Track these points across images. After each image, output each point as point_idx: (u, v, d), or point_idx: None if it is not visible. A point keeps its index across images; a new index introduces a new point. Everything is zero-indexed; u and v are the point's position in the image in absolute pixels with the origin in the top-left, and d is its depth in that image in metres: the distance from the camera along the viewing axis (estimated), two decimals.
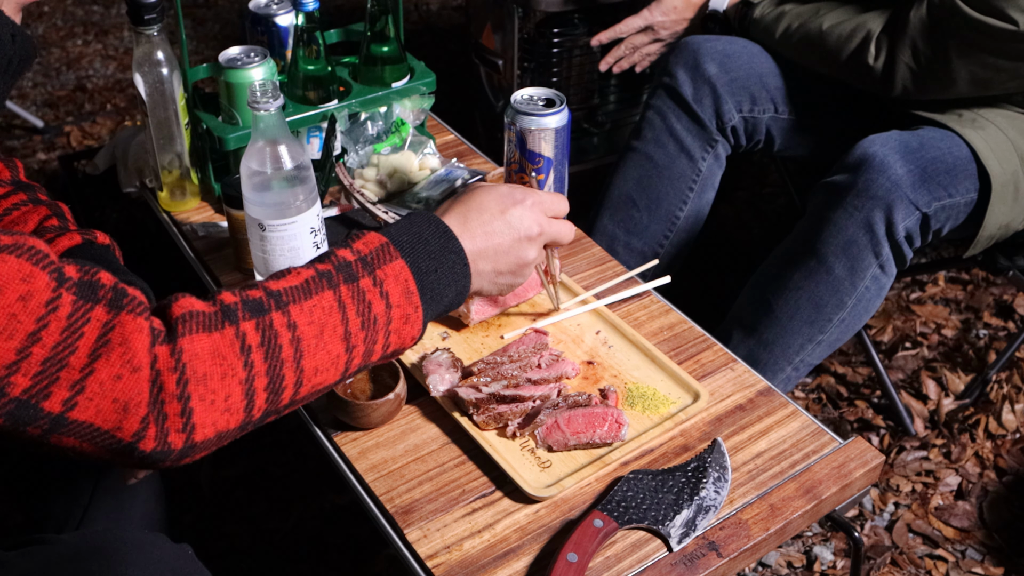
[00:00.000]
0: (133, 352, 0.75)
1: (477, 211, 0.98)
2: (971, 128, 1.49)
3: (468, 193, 1.00)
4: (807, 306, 1.51)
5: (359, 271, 0.88)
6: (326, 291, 0.86)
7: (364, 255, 0.89)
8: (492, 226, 0.98)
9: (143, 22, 1.30)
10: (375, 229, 0.93)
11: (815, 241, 1.49)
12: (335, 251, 0.90)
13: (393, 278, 0.89)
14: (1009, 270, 1.73)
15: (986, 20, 1.38)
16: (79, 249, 1.07)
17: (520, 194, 1.01)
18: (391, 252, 0.90)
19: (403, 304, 0.89)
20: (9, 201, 1.11)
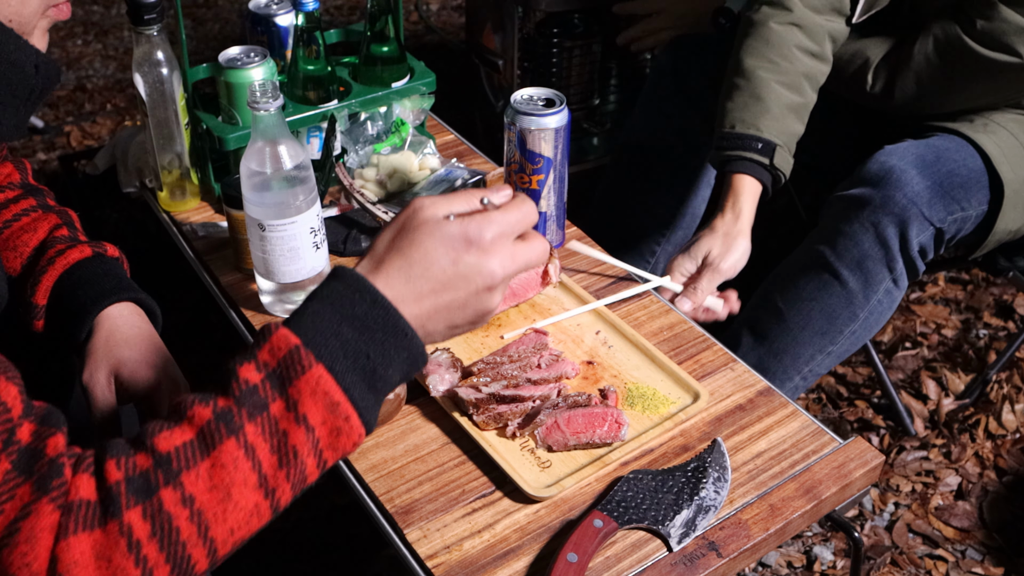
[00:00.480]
0: (35, 554, 0.67)
1: (422, 264, 0.76)
2: (983, 133, 1.48)
3: (408, 235, 0.77)
4: (819, 317, 1.50)
5: (267, 394, 0.72)
6: (227, 440, 0.71)
7: (272, 368, 0.73)
8: (442, 283, 0.77)
9: (143, 22, 1.30)
10: (289, 321, 0.75)
11: (830, 254, 1.48)
12: (238, 369, 0.73)
13: (310, 394, 0.72)
14: (1009, 270, 1.73)
15: (993, 56, 1.39)
16: (89, 262, 1.07)
17: (475, 229, 0.77)
18: (303, 359, 0.72)
19: (329, 420, 0.73)
20: (19, 206, 1.11)
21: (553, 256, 1.25)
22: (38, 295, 1.05)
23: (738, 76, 1.47)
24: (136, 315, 1.05)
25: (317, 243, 1.19)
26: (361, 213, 1.39)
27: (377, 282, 0.76)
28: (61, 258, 1.06)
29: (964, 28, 1.41)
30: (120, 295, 1.05)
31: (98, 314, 1.03)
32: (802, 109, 1.48)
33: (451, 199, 0.80)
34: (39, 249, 1.08)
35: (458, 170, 1.50)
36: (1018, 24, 1.36)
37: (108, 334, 1.01)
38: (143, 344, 1.02)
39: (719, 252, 1.35)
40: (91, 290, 1.04)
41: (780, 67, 1.46)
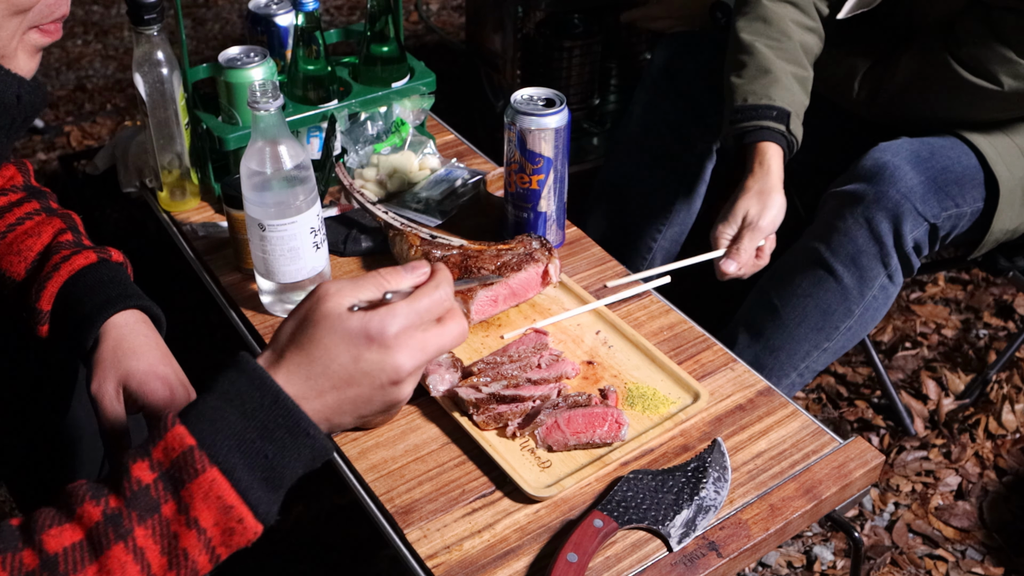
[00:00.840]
0: None
1: (322, 361, 0.73)
2: (979, 133, 1.49)
3: (308, 331, 0.74)
4: (815, 313, 1.50)
5: (159, 495, 0.70)
6: (114, 545, 0.68)
7: (165, 469, 0.70)
8: (343, 379, 0.74)
9: (143, 22, 1.30)
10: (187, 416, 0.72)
11: (824, 250, 1.48)
12: (131, 467, 0.70)
13: (202, 498, 0.70)
14: (1009, 270, 1.73)
15: (976, 82, 1.42)
16: (94, 268, 1.06)
17: (377, 325, 0.73)
18: (198, 461, 0.70)
19: (221, 521, 0.71)
20: (22, 209, 1.10)
21: (553, 256, 1.25)
22: (43, 301, 1.04)
23: (742, 53, 1.49)
24: (142, 323, 1.05)
25: (317, 243, 1.19)
26: (361, 213, 1.38)
27: (278, 377, 0.74)
28: (66, 264, 1.05)
29: (951, 50, 1.43)
30: (126, 303, 1.04)
31: (104, 322, 1.02)
32: (805, 81, 1.50)
33: (358, 286, 0.77)
34: (43, 254, 1.08)
35: (458, 170, 1.50)
36: (1002, 55, 1.38)
37: (115, 344, 1.01)
38: (151, 354, 1.02)
39: (757, 211, 1.36)
40: (96, 297, 1.04)
41: (781, 43, 1.48)
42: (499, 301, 1.23)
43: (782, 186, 1.39)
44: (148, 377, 0.98)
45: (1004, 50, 1.38)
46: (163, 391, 0.97)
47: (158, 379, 0.98)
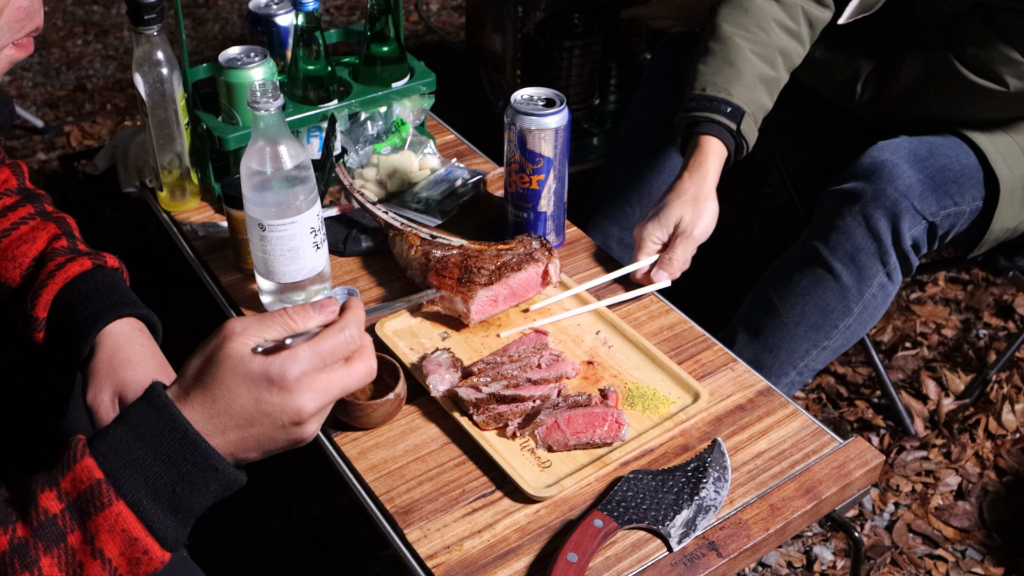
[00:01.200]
0: None
1: (224, 401, 0.75)
2: (979, 131, 1.49)
3: (213, 368, 0.75)
4: (814, 312, 1.50)
5: (66, 524, 0.71)
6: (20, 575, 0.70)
7: (73, 499, 0.71)
8: (245, 419, 0.75)
9: (143, 22, 1.30)
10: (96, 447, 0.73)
11: (823, 248, 1.48)
12: (39, 497, 0.71)
13: (108, 531, 0.71)
14: (1009, 270, 1.73)
15: (981, 83, 1.41)
16: (89, 275, 1.06)
17: (277, 369, 0.74)
18: (104, 495, 0.71)
19: (127, 551, 0.72)
20: (16, 214, 1.10)
21: (553, 256, 1.25)
22: (38, 308, 1.04)
23: (713, 40, 1.47)
24: (138, 332, 1.05)
25: (317, 243, 1.19)
26: (361, 213, 1.39)
27: (185, 411, 0.75)
28: (61, 271, 1.05)
29: (955, 51, 1.43)
30: (121, 311, 1.04)
31: (100, 331, 1.02)
32: (773, 84, 1.47)
33: (264, 325, 0.77)
34: (38, 260, 1.07)
35: (458, 170, 1.50)
36: (1007, 55, 1.38)
37: (111, 354, 1.01)
38: (146, 364, 1.01)
39: (691, 218, 1.33)
40: (92, 305, 1.03)
41: (757, 37, 1.46)
42: (499, 301, 1.23)
43: (715, 192, 1.37)
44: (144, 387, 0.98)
45: (1008, 51, 1.38)
46: None
47: None
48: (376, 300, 1.30)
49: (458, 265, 1.22)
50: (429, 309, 1.23)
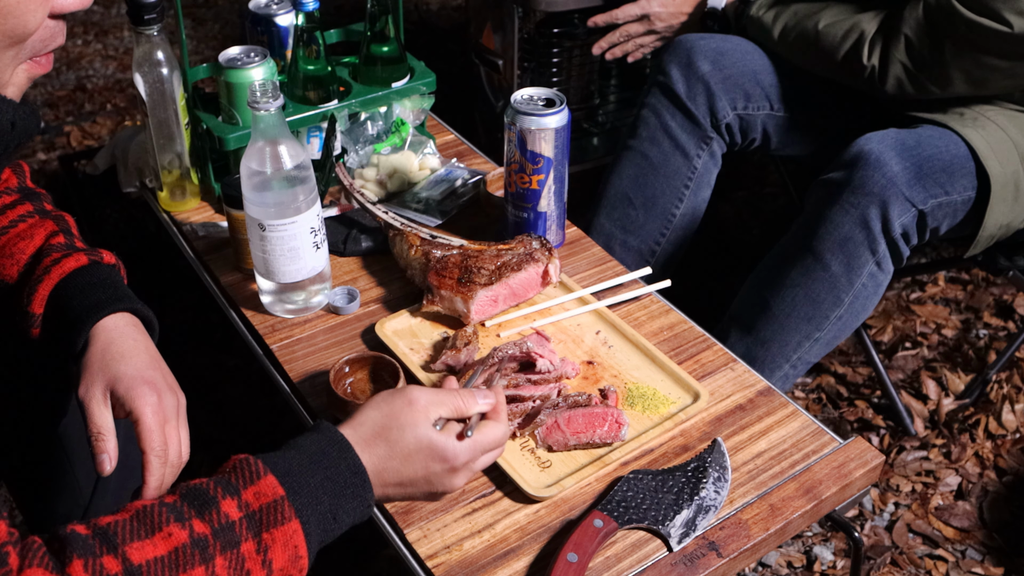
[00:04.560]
0: None
1: (400, 460, 0.87)
2: (972, 127, 1.49)
3: (400, 430, 0.87)
4: (804, 303, 1.51)
5: (243, 533, 0.77)
6: (196, 568, 0.74)
7: (253, 511, 0.78)
8: (409, 480, 0.88)
9: (143, 22, 1.30)
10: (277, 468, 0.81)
11: (811, 238, 1.49)
12: (220, 502, 0.77)
13: (282, 545, 0.78)
14: (1009, 270, 1.73)
15: (981, 21, 1.39)
16: (85, 271, 1.06)
17: (452, 452, 0.89)
18: (285, 512, 0.78)
19: (287, 567, 0.79)
20: (15, 212, 1.10)
21: (553, 256, 1.25)
22: (34, 304, 1.04)
23: None
24: (132, 326, 1.04)
25: (317, 243, 1.19)
26: (361, 213, 1.38)
27: (361, 456, 0.85)
28: (57, 267, 1.05)
29: None
30: (115, 305, 1.04)
31: (93, 326, 1.02)
32: None
33: (441, 402, 0.90)
34: (35, 257, 1.07)
35: (458, 170, 1.50)
36: None
37: (104, 348, 1.01)
38: (139, 358, 1.01)
39: None
40: (87, 300, 1.03)
41: None
42: (499, 301, 1.23)
43: None
44: (136, 382, 0.98)
45: None
46: (150, 396, 0.97)
47: (146, 383, 0.98)
48: (376, 300, 1.30)
49: (458, 265, 1.22)
50: (429, 309, 1.23)
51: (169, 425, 0.97)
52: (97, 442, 0.95)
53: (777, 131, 1.73)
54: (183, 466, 0.99)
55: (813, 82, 1.67)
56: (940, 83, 1.50)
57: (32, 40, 0.83)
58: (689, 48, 1.68)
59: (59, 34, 0.87)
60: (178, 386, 1.03)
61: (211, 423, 1.75)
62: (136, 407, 0.96)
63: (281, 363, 1.20)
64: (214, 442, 1.69)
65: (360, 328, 1.25)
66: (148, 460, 0.94)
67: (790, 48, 1.65)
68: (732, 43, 1.70)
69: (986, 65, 1.45)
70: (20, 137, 0.88)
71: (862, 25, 1.53)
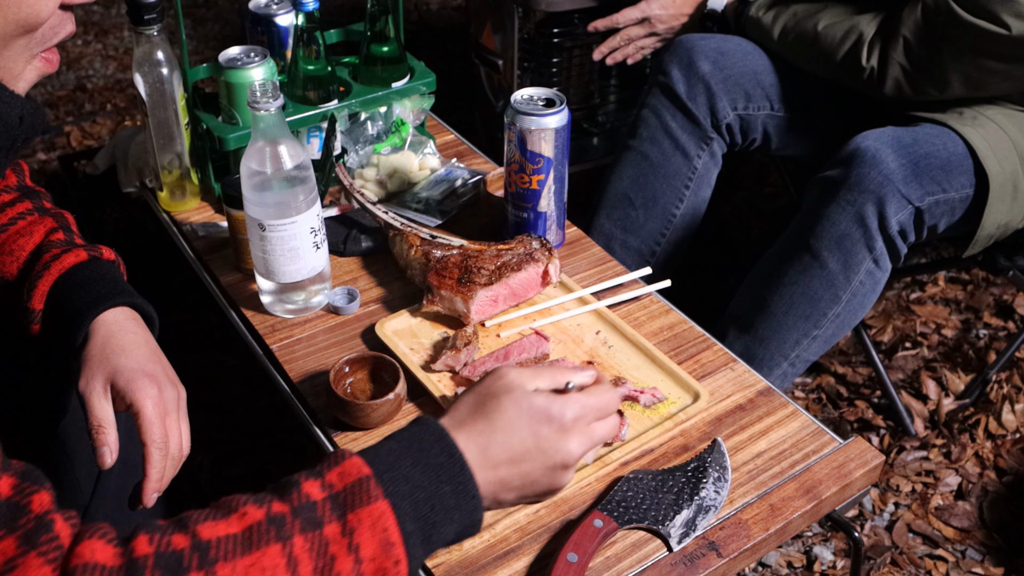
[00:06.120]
0: None
1: (504, 431, 0.78)
2: (971, 126, 1.49)
3: (494, 400, 0.80)
4: (801, 301, 1.51)
5: (325, 514, 0.71)
6: (272, 544, 0.68)
7: (336, 491, 0.72)
8: (520, 453, 0.79)
9: (143, 22, 1.30)
10: (364, 452, 0.75)
11: (808, 236, 1.49)
12: (302, 483, 0.72)
13: (369, 527, 0.71)
14: (1009, 270, 1.73)
15: (979, 23, 1.39)
16: (84, 266, 1.06)
17: (558, 408, 0.80)
18: (371, 490, 0.72)
19: (379, 557, 0.71)
20: (15, 209, 1.10)
21: (553, 256, 1.25)
22: (34, 300, 1.04)
23: None
24: (132, 320, 1.05)
25: (317, 243, 1.19)
26: (361, 213, 1.38)
27: (458, 439, 0.77)
28: (56, 263, 1.05)
29: None
30: (115, 300, 1.04)
31: (93, 320, 1.02)
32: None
33: (537, 374, 0.84)
34: (35, 253, 1.08)
35: (458, 170, 1.50)
36: None
37: (104, 341, 1.01)
38: (139, 351, 1.01)
39: None
40: (86, 295, 1.03)
41: None
42: (499, 301, 1.23)
43: None
44: (136, 374, 0.98)
45: None
46: (151, 388, 0.97)
47: (146, 376, 0.98)
48: (376, 300, 1.30)
49: (458, 265, 1.22)
50: (429, 309, 1.23)
51: (170, 418, 0.97)
52: (98, 435, 0.95)
53: (777, 131, 1.73)
54: (184, 459, 0.99)
55: (814, 82, 1.67)
56: (938, 85, 1.50)
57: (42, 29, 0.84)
58: (690, 48, 1.68)
59: (68, 22, 0.88)
60: (178, 379, 1.03)
61: (211, 423, 1.75)
62: (136, 400, 0.96)
63: (281, 363, 1.20)
64: (214, 442, 1.69)
65: (360, 328, 1.25)
66: (149, 452, 0.94)
67: (789, 49, 1.65)
68: (733, 43, 1.70)
69: (984, 67, 1.45)
70: (27, 132, 0.89)
71: (861, 27, 1.54)
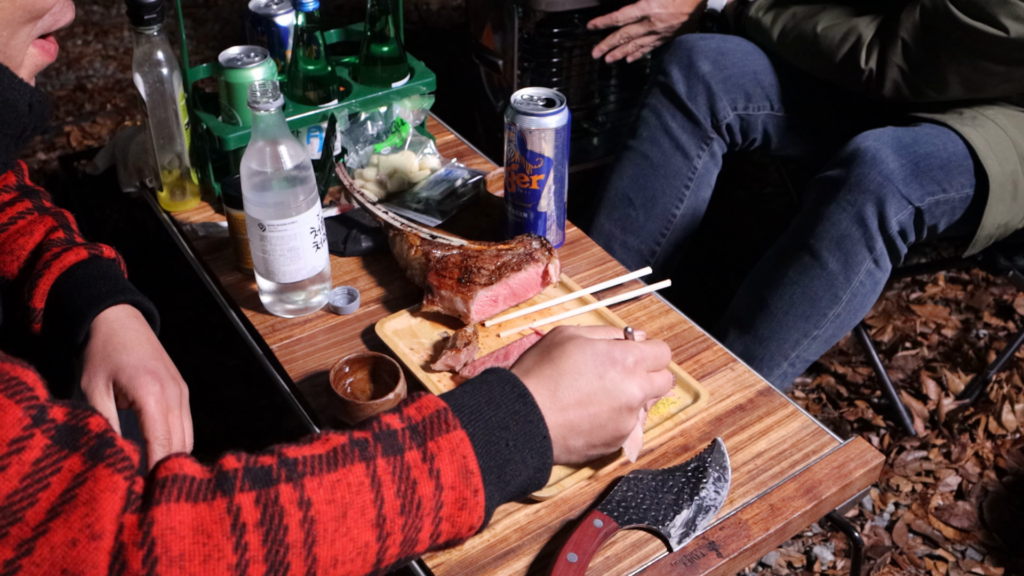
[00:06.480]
0: (97, 515, 0.63)
1: (571, 375, 0.82)
2: (971, 126, 1.49)
3: (559, 347, 0.84)
4: (801, 301, 1.51)
5: (405, 442, 0.73)
6: (356, 463, 0.71)
7: (415, 422, 0.75)
8: (587, 394, 0.82)
9: (143, 22, 1.30)
10: (441, 396, 0.78)
11: (809, 236, 1.49)
12: (381, 416, 0.75)
13: (448, 452, 0.74)
14: (1009, 270, 1.73)
15: (977, 26, 1.39)
16: (85, 264, 1.06)
17: (620, 352, 0.85)
18: (449, 420, 0.75)
19: (459, 486, 0.74)
20: (14, 209, 1.10)
21: (553, 256, 1.25)
22: (35, 299, 1.04)
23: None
24: (133, 318, 1.05)
25: (317, 243, 1.19)
26: (361, 213, 1.38)
27: (528, 384, 0.81)
28: (57, 261, 1.05)
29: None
30: (116, 298, 1.04)
31: (95, 318, 1.02)
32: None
33: (593, 329, 0.89)
34: (35, 252, 1.08)
35: (458, 170, 1.50)
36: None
37: (105, 339, 1.01)
38: (141, 349, 1.02)
39: None
40: (87, 293, 1.04)
41: None
42: (499, 301, 1.23)
43: None
44: (138, 371, 0.98)
45: None
46: (153, 385, 0.97)
47: (148, 373, 0.98)
48: (376, 300, 1.30)
49: (458, 265, 1.22)
50: (429, 309, 1.23)
51: (172, 415, 0.97)
52: None
53: (777, 131, 1.73)
54: None
55: (813, 82, 1.67)
56: (937, 87, 1.50)
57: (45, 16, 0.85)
58: (690, 48, 1.68)
59: (68, 10, 0.90)
60: (180, 376, 1.03)
61: (211, 423, 1.75)
62: (139, 396, 0.96)
63: (281, 363, 1.20)
64: (214, 442, 1.69)
65: (360, 328, 1.25)
66: (152, 449, 0.94)
67: (788, 50, 1.65)
68: (733, 43, 1.70)
69: (983, 70, 1.45)
70: (36, 120, 0.90)
71: (860, 29, 1.54)
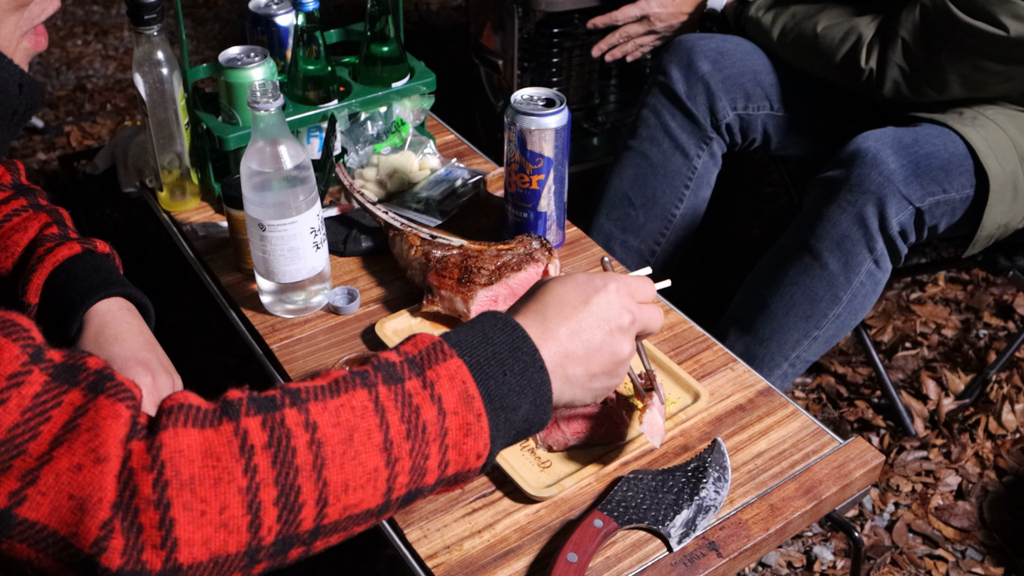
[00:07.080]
0: (101, 440, 0.63)
1: (556, 306, 0.83)
2: (971, 126, 1.49)
3: (541, 288, 0.85)
4: (802, 301, 1.51)
5: (404, 372, 0.74)
6: (358, 389, 0.71)
7: (412, 355, 0.75)
8: (576, 321, 0.83)
9: (143, 22, 1.30)
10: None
11: (809, 236, 1.49)
12: (377, 353, 0.76)
13: (448, 379, 0.74)
14: (1009, 270, 1.73)
15: (977, 25, 1.39)
16: (78, 258, 1.06)
17: (601, 280, 0.86)
18: (444, 350, 0.75)
19: (461, 411, 0.74)
20: (9, 207, 1.11)
21: (553, 256, 1.25)
22: (29, 294, 1.05)
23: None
24: (126, 310, 1.05)
25: (317, 243, 1.19)
26: (361, 213, 1.38)
27: (518, 319, 0.81)
28: (50, 256, 1.05)
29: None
30: (109, 290, 1.04)
31: (87, 310, 1.02)
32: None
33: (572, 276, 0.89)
34: (29, 248, 1.08)
35: (458, 170, 1.50)
36: None
37: (97, 331, 1.01)
38: (133, 340, 1.02)
39: None
40: (80, 286, 1.04)
41: None
42: (499, 301, 1.23)
43: None
44: (130, 363, 0.98)
45: None
46: (144, 377, 0.97)
47: (140, 365, 0.98)
48: (376, 300, 1.30)
49: (458, 265, 1.22)
50: (429, 309, 1.23)
51: None
52: None
53: (777, 131, 1.73)
54: None
55: (813, 82, 1.67)
56: (937, 87, 1.50)
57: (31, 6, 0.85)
58: (689, 48, 1.68)
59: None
60: (173, 368, 1.03)
61: None
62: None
63: (281, 363, 1.20)
64: None
65: (360, 328, 1.25)
66: None
67: (788, 50, 1.65)
68: (732, 43, 1.70)
69: (983, 69, 1.45)
70: (27, 103, 0.89)
71: (860, 28, 1.54)
